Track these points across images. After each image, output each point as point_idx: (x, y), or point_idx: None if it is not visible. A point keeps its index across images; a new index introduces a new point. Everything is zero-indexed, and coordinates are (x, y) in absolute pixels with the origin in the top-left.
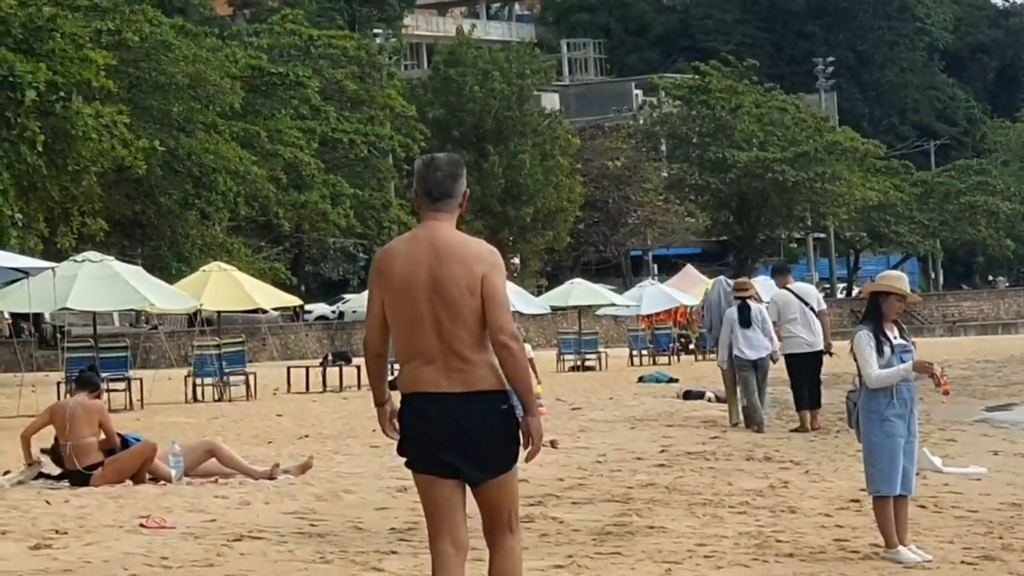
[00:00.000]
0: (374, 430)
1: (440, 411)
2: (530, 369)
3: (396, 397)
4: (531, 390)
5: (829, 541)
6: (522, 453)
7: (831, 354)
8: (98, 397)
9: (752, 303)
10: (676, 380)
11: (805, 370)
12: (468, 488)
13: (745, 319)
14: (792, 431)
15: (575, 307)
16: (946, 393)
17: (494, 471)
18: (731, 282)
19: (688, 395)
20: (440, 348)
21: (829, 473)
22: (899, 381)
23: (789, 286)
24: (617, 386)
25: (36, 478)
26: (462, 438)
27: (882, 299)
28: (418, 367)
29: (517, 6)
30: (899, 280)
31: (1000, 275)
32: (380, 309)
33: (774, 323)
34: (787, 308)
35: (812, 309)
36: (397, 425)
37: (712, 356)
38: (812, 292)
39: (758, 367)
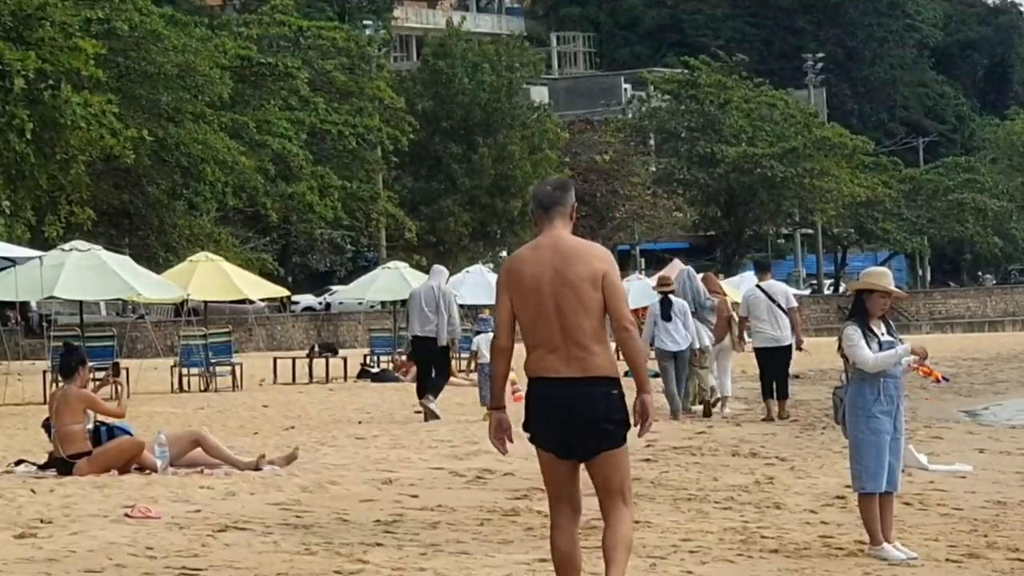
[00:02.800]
0: (360, 422)
1: (559, 393)
2: (643, 352)
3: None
4: (645, 370)
5: (814, 537)
6: (634, 429)
7: (800, 349)
8: (83, 379)
9: (673, 297)
10: None
11: (771, 363)
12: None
13: (666, 313)
14: (762, 420)
15: None
16: (937, 380)
17: (603, 447)
18: (695, 274)
19: None
20: (562, 338)
21: (815, 469)
22: (899, 360)
23: (761, 283)
24: None
25: (18, 464)
26: (576, 417)
27: (867, 296)
28: (543, 355)
29: None
30: (883, 277)
31: (988, 272)
32: (509, 307)
33: (743, 319)
34: (755, 305)
35: (780, 306)
36: (506, 440)
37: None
38: (781, 290)
39: (678, 358)
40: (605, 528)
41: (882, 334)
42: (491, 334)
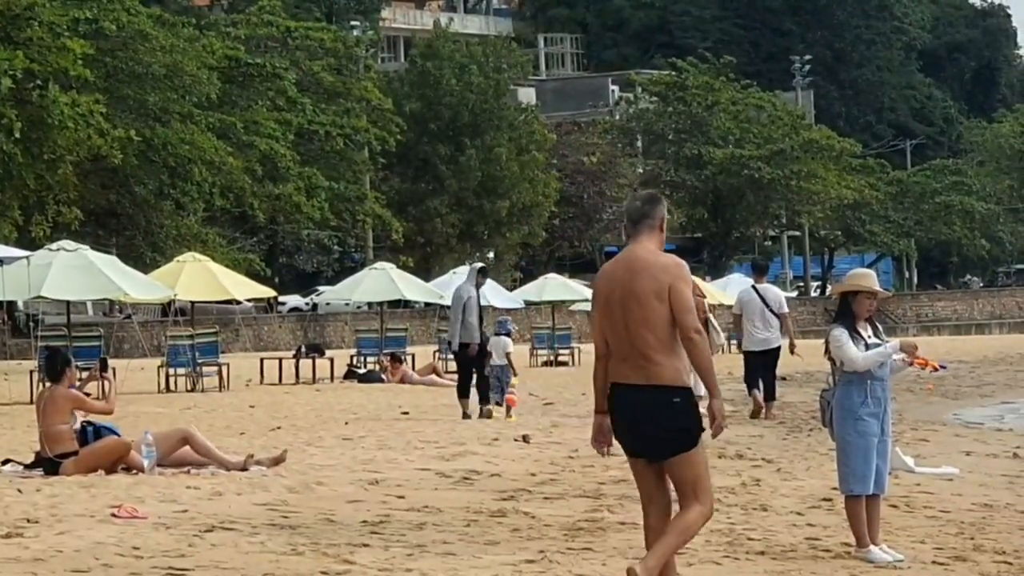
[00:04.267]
0: (347, 423)
1: (630, 399)
2: (710, 359)
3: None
4: (713, 376)
5: (800, 540)
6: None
7: (792, 352)
8: (70, 380)
9: None
10: None
11: (760, 364)
12: None
13: None
14: (749, 416)
15: (549, 302)
16: (935, 370)
17: (669, 451)
18: None
19: None
20: (630, 348)
21: (801, 471)
22: (887, 358)
23: (757, 286)
24: (589, 382)
25: (5, 463)
26: (639, 422)
27: (852, 299)
28: (617, 363)
29: (495, 0)
30: (866, 278)
31: (975, 275)
32: (598, 319)
33: (737, 317)
34: (749, 306)
35: (772, 311)
36: (608, 439)
37: None
38: (775, 295)
39: None
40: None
41: (868, 336)
42: (503, 338)
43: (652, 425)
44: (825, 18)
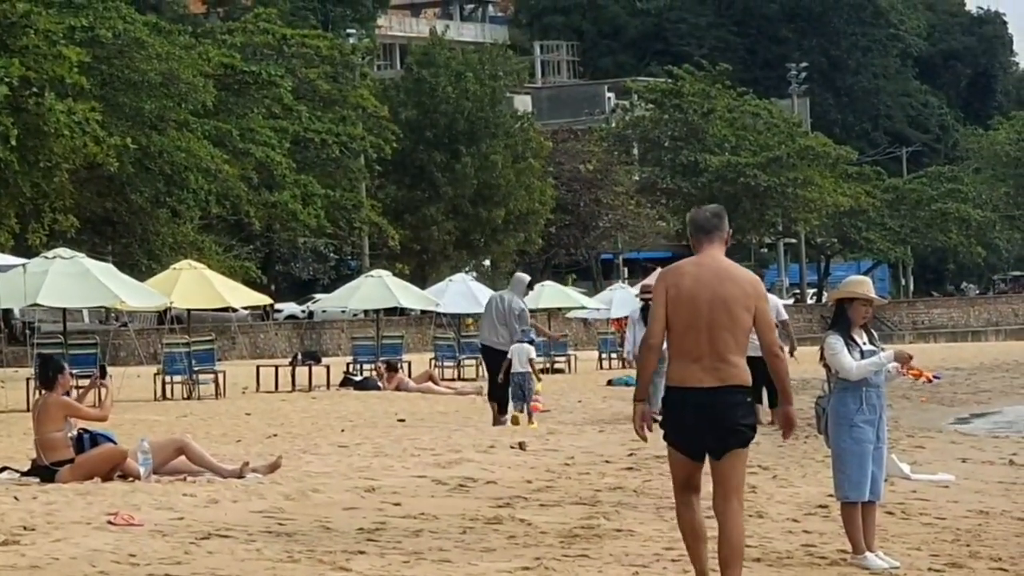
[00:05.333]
0: (343, 430)
1: (701, 401)
2: (788, 372)
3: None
4: (790, 387)
5: (796, 547)
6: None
7: (792, 356)
8: (63, 387)
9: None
10: None
11: (762, 371)
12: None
13: (646, 319)
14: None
15: (545, 309)
16: (929, 380)
17: (733, 445)
18: None
19: None
20: (709, 350)
21: (797, 478)
22: (881, 367)
23: None
24: (586, 389)
25: (1, 470)
26: (714, 420)
27: (848, 305)
28: (687, 365)
29: (490, 7)
30: (862, 285)
31: (971, 282)
32: (664, 313)
33: None
34: None
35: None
36: (649, 426)
37: None
38: (773, 303)
39: (660, 365)
40: (720, 532)
41: (864, 343)
42: (524, 345)
43: (724, 423)
44: (821, 25)
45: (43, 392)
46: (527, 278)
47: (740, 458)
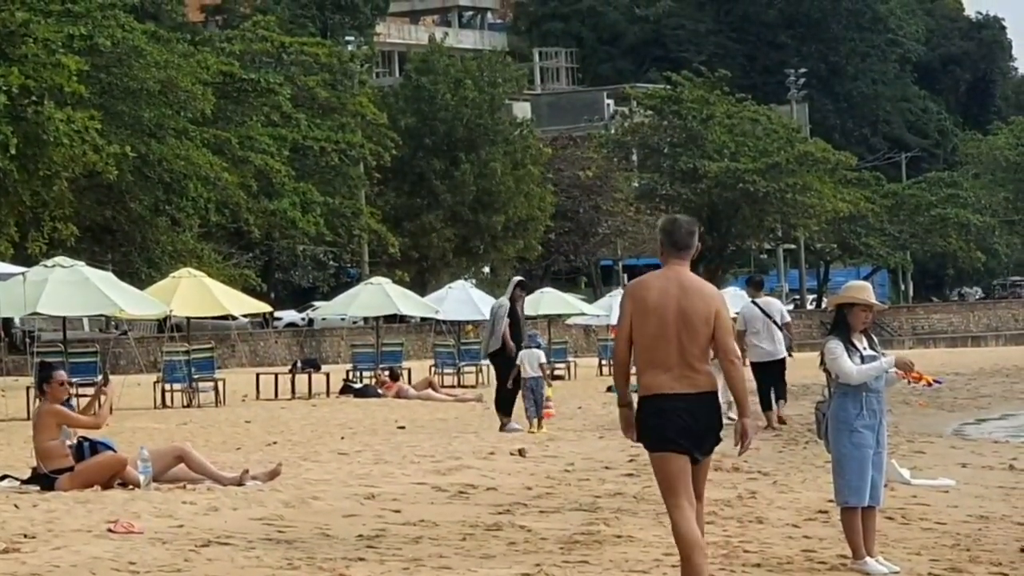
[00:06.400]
0: (342, 437)
1: (675, 405)
2: (744, 380)
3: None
4: (746, 396)
5: (796, 552)
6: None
7: (791, 354)
8: (53, 394)
9: None
10: None
11: (768, 375)
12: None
13: None
14: (760, 428)
15: (545, 316)
16: (929, 384)
17: (708, 449)
18: None
19: None
20: (678, 360)
21: (797, 484)
22: (883, 372)
23: (757, 300)
24: (586, 395)
25: (2, 479)
26: (691, 426)
27: (848, 311)
28: (657, 375)
29: (489, 15)
30: (862, 290)
31: (976, 286)
32: (630, 327)
33: (740, 333)
34: (752, 321)
35: (775, 322)
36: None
37: None
38: (776, 306)
39: None
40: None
41: (864, 348)
42: (535, 350)
43: (705, 428)
44: (820, 31)
45: (40, 400)
46: (516, 278)
47: (708, 464)
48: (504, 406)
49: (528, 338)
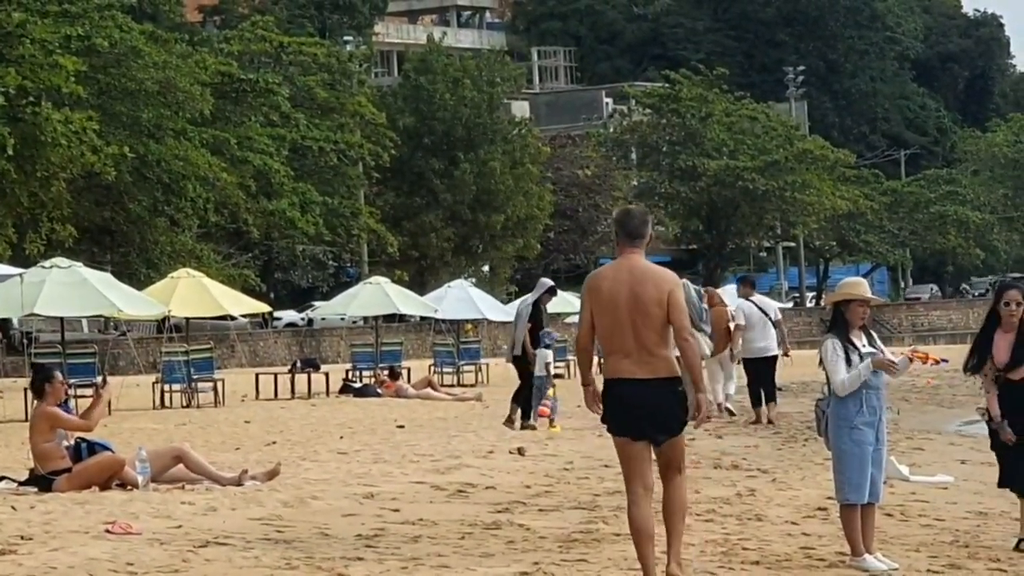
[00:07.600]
0: (342, 437)
1: (634, 391)
2: (699, 357)
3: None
4: (700, 372)
5: (795, 549)
6: (691, 423)
7: (787, 356)
8: (52, 396)
9: None
10: None
11: (760, 371)
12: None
13: None
14: (749, 423)
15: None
16: (936, 363)
17: (670, 433)
18: (700, 289)
19: None
20: (635, 346)
21: (796, 481)
22: (863, 379)
23: (752, 298)
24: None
25: (0, 480)
26: (649, 410)
27: (845, 307)
28: (619, 360)
29: (488, 14)
30: (858, 286)
31: (980, 279)
32: (589, 316)
33: (739, 326)
34: (749, 317)
35: (770, 319)
36: (600, 402)
37: None
38: (771, 304)
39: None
40: (664, 495)
41: (863, 345)
42: (542, 350)
43: (661, 412)
44: (818, 29)
45: (38, 402)
46: (548, 282)
47: (677, 442)
48: (523, 405)
49: (545, 335)
